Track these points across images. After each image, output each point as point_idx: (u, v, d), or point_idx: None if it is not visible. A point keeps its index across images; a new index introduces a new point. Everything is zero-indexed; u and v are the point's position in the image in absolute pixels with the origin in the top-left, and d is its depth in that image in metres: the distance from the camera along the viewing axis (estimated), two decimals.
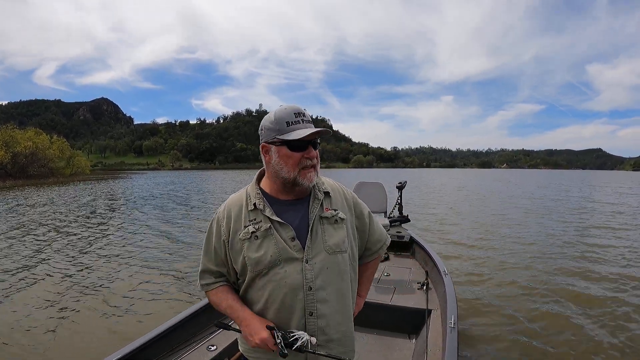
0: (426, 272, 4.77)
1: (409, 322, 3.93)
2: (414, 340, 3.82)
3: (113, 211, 18.95)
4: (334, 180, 1.87)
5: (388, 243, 1.98)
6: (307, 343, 1.54)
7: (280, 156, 1.60)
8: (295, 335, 1.54)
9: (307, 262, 1.62)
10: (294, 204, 1.70)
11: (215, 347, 3.17)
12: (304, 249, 1.62)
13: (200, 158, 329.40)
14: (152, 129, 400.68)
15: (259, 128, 1.67)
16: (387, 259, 5.76)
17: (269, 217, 1.64)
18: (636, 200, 24.96)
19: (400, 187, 6.71)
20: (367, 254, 1.91)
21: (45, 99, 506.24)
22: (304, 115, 1.61)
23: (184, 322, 3.27)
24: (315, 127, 1.60)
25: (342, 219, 1.73)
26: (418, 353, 3.39)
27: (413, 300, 4.18)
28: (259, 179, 1.77)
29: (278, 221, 1.63)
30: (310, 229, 1.65)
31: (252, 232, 1.62)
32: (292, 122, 1.58)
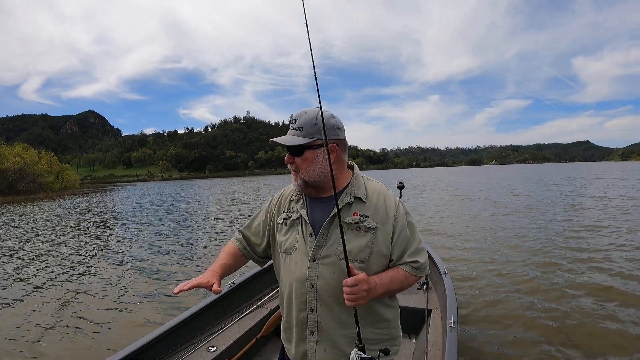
0: None
1: (409, 322, 3.84)
2: (414, 340, 3.82)
3: (95, 227, 18.66)
4: (383, 187, 1.80)
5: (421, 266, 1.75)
6: None
7: None
8: None
9: (314, 260, 1.66)
10: (325, 202, 1.73)
11: (215, 348, 3.19)
12: (316, 247, 1.66)
13: (189, 167, 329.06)
14: (141, 140, 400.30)
15: None
16: None
17: (299, 210, 1.75)
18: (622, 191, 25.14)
19: (401, 187, 6.68)
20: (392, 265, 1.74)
21: (32, 113, 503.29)
22: (295, 120, 1.69)
23: (184, 323, 3.28)
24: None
25: (370, 228, 1.66)
26: (418, 353, 3.37)
27: (413, 300, 4.18)
28: None
29: (304, 215, 1.72)
30: (326, 230, 1.67)
31: (284, 219, 1.79)
32: (289, 127, 1.73)
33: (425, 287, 4.39)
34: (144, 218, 21.02)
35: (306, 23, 1.56)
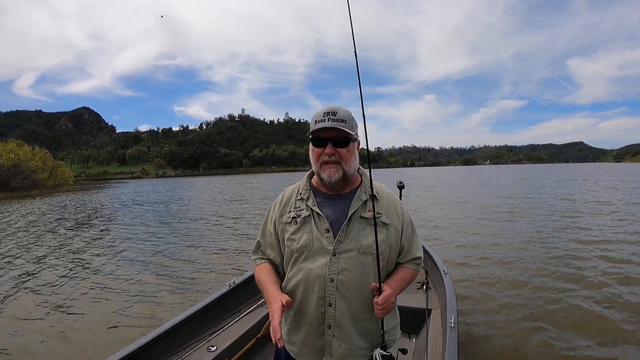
0: (426, 271, 4.74)
1: (409, 322, 3.84)
2: (414, 340, 3.81)
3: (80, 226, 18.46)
4: (387, 188, 1.92)
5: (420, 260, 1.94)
6: None
7: (310, 151, 1.78)
8: None
9: (334, 255, 1.69)
10: (336, 199, 1.80)
11: (215, 347, 3.19)
12: (335, 242, 1.70)
13: (184, 165, 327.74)
14: (135, 137, 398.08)
15: None
16: None
17: (310, 207, 1.77)
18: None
19: (401, 187, 6.69)
20: (400, 260, 1.90)
21: (26, 109, 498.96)
22: (335, 114, 1.69)
23: (184, 323, 3.28)
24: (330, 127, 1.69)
25: (385, 224, 1.77)
26: (418, 353, 3.38)
27: (413, 300, 4.18)
28: (312, 175, 1.90)
29: (317, 212, 1.75)
30: (346, 225, 1.72)
31: (293, 218, 1.79)
32: (319, 120, 1.70)
33: (425, 287, 4.42)
34: (134, 217, 20.97)
35: (355, 52, 1.73)
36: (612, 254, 8.83)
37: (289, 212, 1.83)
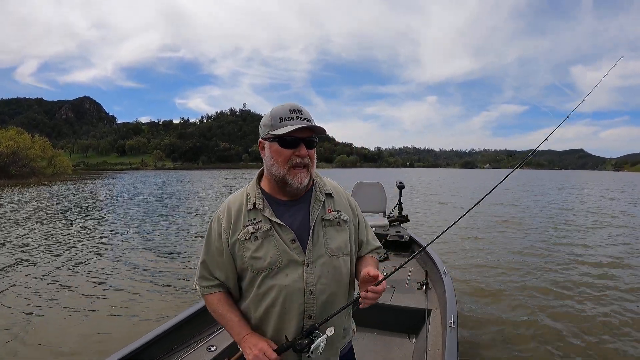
0: (426, 271, 4.75)
1: (408, 322, 3.90)
2: (413, 340, 3.81)
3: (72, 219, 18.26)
4: (336, 183, 1.83)
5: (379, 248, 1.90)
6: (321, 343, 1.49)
7: (271, 152, 1.57)
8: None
9: (307, 266, 1.57)
10: (293, 205, 1.65)
11: (215, 347, 3.17)
12: (305, 251, 1.58)
13: (183, 158, 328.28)
14: (135, 129, 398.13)
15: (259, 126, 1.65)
16: (386, 258, 5.78)
17: (268, 218, 1.60)
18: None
19: (401, 187, 6.67)
20: (362, 253, 1.83)
21: (27, 97, 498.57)
22: (300, 112, 1.56)
23: (184, 322, 3.26)
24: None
25: (345, 221, 1.70)
26: (418, 353, 3.38)
27: (413, 300, 4.18)
28: (260, 178, 1.73)
29: (278, 223, 1.59)
30: (311, 232, 1.60)
31: (252, 233, 1.58)
32: (285, 118, 1.54)
33: (425, 287, 4.40)
34: (130, 209, 20.93)
35: None
36: (610, 259, 8.83)
37: (244, 226, 1.60)
